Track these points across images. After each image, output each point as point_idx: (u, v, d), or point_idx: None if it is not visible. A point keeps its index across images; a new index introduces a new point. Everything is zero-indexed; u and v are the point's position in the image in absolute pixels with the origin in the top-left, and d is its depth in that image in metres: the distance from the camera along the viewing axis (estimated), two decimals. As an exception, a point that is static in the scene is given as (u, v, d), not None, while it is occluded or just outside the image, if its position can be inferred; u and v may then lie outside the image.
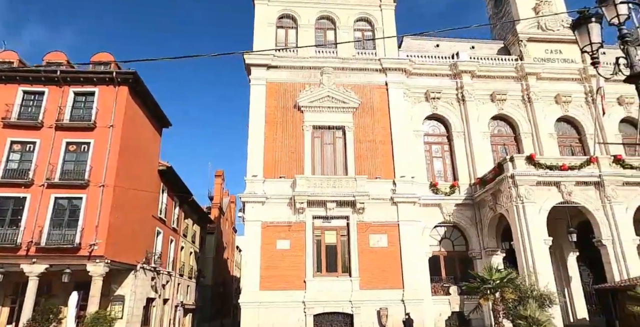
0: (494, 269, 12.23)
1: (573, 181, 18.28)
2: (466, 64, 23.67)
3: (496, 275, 11.95)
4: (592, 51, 6.48)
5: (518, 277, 14.23)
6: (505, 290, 11.84)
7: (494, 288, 11.82)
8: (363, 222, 20.69)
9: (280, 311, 18.86)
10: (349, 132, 22.16)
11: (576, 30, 6.44)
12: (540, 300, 12.99)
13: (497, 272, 12.14)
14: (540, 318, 10.99)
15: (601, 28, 6.44)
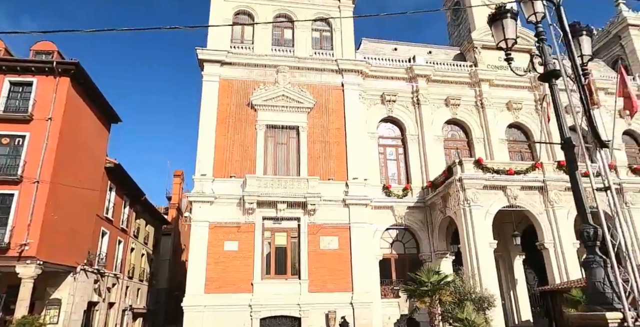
0: (431, 271, 12.17)
1: (519, 185, 18.65)
2: (422, 68, 23.87)
3: (433, 277, 11.89)
4: (507, 47, 6.41)
5: (456, 280, 14.30)
6: (443, 292, 11.81)
7: (431, 290, 11.75)
8: (314, 224, 20.39)
9: (226, 314, 18.27)
10: (303, 133, 21.85)
11: (492, 26, 6.36)
12: (478, 303, 13.06)
13: (435, 275, 12.08)
14: (476, 321, 10.98)
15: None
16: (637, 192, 19.92)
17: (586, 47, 6.75)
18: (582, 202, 6.06)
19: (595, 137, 6.05)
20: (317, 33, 24.41)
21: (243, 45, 23.15)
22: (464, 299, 12.66)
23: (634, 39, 28.66)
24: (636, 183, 19.81)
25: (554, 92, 6.64)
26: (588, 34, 6.79)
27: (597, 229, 5.82)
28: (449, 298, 11.94)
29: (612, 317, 4.83)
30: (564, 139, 6.33)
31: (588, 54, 6.78)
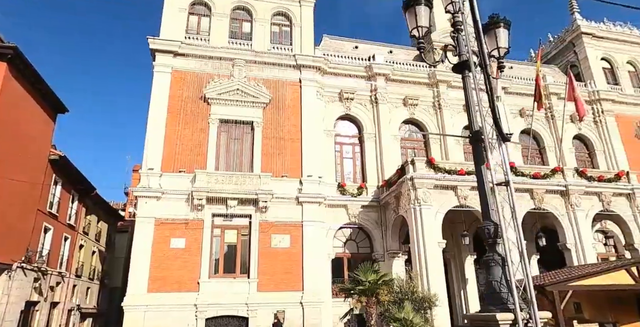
0: (369, 270, 11.99)
1: (469, 186, 18.78)
2: (381, 67, 23.81)
3: (371, 276, 11.71)
4: (420, 36, 6.22)
5: (397, 279, 14.22)
6: (381, 292, 11.64)
7: (368, 290, 11.56)
8: (266, 222, 19.96)
9: (170, 314, 17.59)
10: (257, 128, 21.37)
11: (406, 12, 6.16)
12: (419, 302, 12.99)
13: (373, 274, 11.90)
14: (414, 320, 10.86)
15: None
16: (582, 195, 20.44)
17: (502, 40, 6.65)
18: (485, 198, 5.90)
19: (498, 131, 5.91)
20: (277, 27, 23.97)
21: (199, 37, 22.44)
22: (404, 298, 12.56)
23: (587, 47, 29.60)
24: (581, 186, 20.33)
25: (465, 83, 6.49)
26: (505, 27, 6.68)
27: (498, 226, 5.66)
28: (387, 298, 11.78)
29: (502, 318, 4.67)
30: (471, 133, 6.16)
31: (504, 46, 6.67)
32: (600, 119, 27.57)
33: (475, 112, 6.29)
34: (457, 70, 6.72)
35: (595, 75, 28.74)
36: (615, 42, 30.57)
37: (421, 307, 12.87)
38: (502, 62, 6.78)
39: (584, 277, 14.16)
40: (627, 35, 30.90)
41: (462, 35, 6.62)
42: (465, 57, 6.48)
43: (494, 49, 6.69)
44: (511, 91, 26.34)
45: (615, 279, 14.89)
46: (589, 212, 20.57)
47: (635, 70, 30.54)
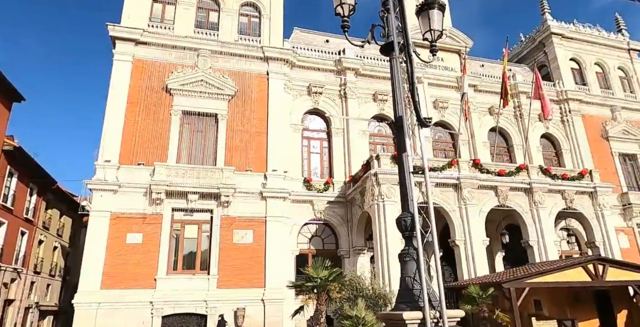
0: (320, 266, 11.67)
1: (433, 182, 18.61)
2: (351, 61, 23.48)
3: (322, 273, 11.37)
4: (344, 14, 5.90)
5: (353, 276, 13.96)
6: (332, 289, 11.31)
7: (318, 286, 11.22)
8: (228, 217, 19.43)
9: (124, 312, 16.93)
10: (222, 121, 20.78)
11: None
12: (374, 299, 12.74)
13: (324, 270, 11.58)
14: (367, 318, 10.56)
15: None
16: (546, 193, 20.55)
17: (436, 22, 6.34)
18: (405, 188, 5.58)
19: (416, 116, 5.59)
20: (245, 18, 23.36)
21: (163, 25, 21.66)
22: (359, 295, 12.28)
23: (556, 47, 29.91)
24: (545, 183, 20.44)
25: (392, 66, 6.18)
26: (440, 9, 6.38)
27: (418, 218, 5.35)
28: (338, 295, 11.47)
29: (409, 317, 4.36)
30: (395, 118, 5.84)
31: (438, 29, 6.36)
32: (568, 119, 27.90)
33: (399, 97, 5.94)
34: (384, 52, 6.38)
35: (563, 75, 29.07)
36: (584, 43, 30.99)
37: (376, 304, 12.62)
38: (435, 46, 6.46)
39: (540, 275, 14.16)
40: (595, 37, 31.36)
41: (392, 15, 6.28)
42: (393, 39, 6.13)
43: (427, 31, 6.35)
44: (481, 89, 26.40)
45: (573, 277, 14.95)
46: (552, 209, 20.72)
47: (603, 72, 31.04)
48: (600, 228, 21.35)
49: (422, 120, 5.53)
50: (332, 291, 11.33)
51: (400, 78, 6.05)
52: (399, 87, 5.98)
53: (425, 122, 5.60)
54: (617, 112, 29.24)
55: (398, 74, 6.09)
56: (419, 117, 5.51)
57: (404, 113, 5.81)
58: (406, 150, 5.66)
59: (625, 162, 28.59)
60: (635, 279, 15.79)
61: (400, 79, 6.04)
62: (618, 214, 26.11)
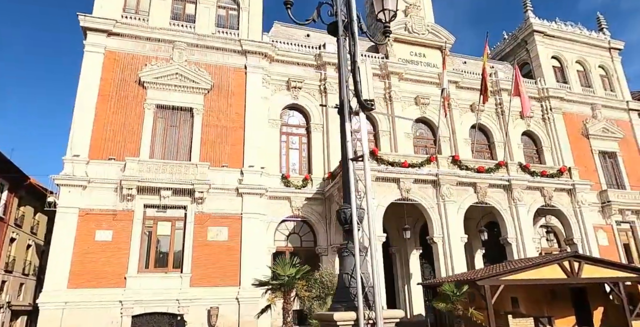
0: (288, 263, 11.28)
1: (412, 178, 18.41)
2: (331, 56, 23.04)
3: (290, 270, 11.00)
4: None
5: (324, 274, 13.63)
6: (300, 287, 10.94)
7: (285, 285, 10.85)
8: (202, 213, 18.94)
9: (92, 312, 16.36)
10: (197, 115, 20.26)
11: None
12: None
13: (292, 268, 11.21)
14: (336, 317, 10.19)
15: None
16: (525, 189, 20.46)
17: (390, 2, 6.00)
18: (348, 177, 5.23)
19: (357, 98, 5.25)
20: (223, 11, 22.83)
21: (137, 16, 21.02)
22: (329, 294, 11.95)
23: (538, 45, 29.91)
24: (524, 180, 20.35)
25: (339, 46, 5.82)
26: None
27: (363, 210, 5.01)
28: (307, 293, 11.10)
29: (341, 317, 4.01)
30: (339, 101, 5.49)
31: (392, 8, 6.02)
32: (549, 116, 27.91)
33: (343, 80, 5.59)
34: (331, 33, 6.02)
35: (545, 73, 29.08)
36: (566, 41, 31.06)
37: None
38: (388, 27, 6.12)
39: (516, 272, 13.98)
40: (577, 35, 31.46)
41: None
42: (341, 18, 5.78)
43: (380, 11, 6.00)
44: (462, 86, 26.24)
45: (548, 274, 14.83)
46: (530, 206, 20.64)
47: (584, 70, 31.15)
48: (579, 225, 21.35)
49: (363, 102, 5.17)
50: (300, 289, 10.96)
51: (345, 59, 5.69)
52: (344, 69, 5.61)
53: (366, 105, 5.24)
54: (597, 110, 29.37)
55: (343, 54, 5.71)
56: (359, 99, 5.15)
57: (346, 96, 5.44)
58: (346, 136, 5.29)
59: (605, 160, 28.73)
60: (611, 276, 15.75)
61: (345, 61, 5.68)
62: (597, 211, 26.23)
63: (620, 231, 26.90)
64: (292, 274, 10.90)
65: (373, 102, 5.35)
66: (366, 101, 5.22)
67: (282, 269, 11.03)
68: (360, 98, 5.16)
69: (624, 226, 27.16)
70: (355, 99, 5.29)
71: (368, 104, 5.22)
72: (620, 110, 30.58)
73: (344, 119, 5.43)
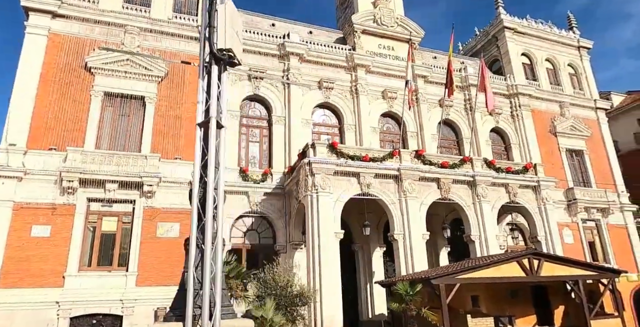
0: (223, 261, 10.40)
1: (373, 173, 17.70)
2: (295, 46, 22.23)
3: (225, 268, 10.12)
4: None
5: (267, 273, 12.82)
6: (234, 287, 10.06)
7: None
8: (152, 208, 17.88)
9: (24, 314, 15.17)
10: (150, 104, 19.14)
11: None
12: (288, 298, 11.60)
13: (226, 265, 10.36)
14: (275, 319, 9.42)
15: None
16: (489, 186, 20.00)
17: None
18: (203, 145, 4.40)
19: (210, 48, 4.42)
20: (182, -5, 21.70)
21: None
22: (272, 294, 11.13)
23: (509, 41, 29.67)
24: (488, 176, 19.88)
25: None
26: None
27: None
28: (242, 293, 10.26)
29: None
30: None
31: None
32: (518, 113, 27.67)
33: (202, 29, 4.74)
34: None
35: (515, 70, 28.84)
36: (536, 38, 30.92)
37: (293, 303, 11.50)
38: None
39: (473, 270, 13.41)
40: (547, 33, 31.36)
41: None
42: None
43: None
44: (431, 81, 25.73)
45: (507, 272, 14.33)
46: (495, 203, 20.20)
47: (553, 68, 31.09)
48: (543, 223, 21.04)
49: (215, 53, 4.33)
50: (235, 288, 10.10)
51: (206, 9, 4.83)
52: (204, 17, 4.75)
53: (219, 56, 4.39)
54: (565, 108, 29.31)
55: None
56: (212, 49, 4.30)
57: (202, 48, 4.59)
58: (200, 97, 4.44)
59: (572, 157, 28.70)
60: (571, 274, 15.38)
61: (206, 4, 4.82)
62: (564, 209, 26.14)
63: (586, 228, 26.89)
64: (225, 273, 10.00)
65: (232, 53, 4.49)
66: (222, 51, 4.36)
67: (214, 267, 10.11)
68: (213, 46, 4.30)
69: (589, 224, 27.17)
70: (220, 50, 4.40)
71: (224, 56, 4.35)
72: (588, 108, 30.63)
73: (200, 79, 4.55)
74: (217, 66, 4.47)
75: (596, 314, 15.95)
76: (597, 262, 25.83)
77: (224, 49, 4.24)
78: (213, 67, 4.46)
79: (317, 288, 15.17)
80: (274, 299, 10.70)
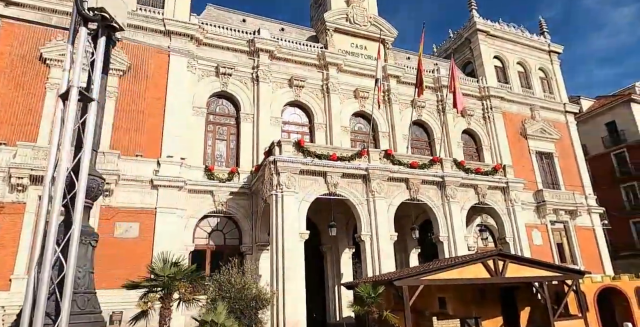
0: (169, 261, 9.82)
1: (340, 173, 17.32)
2: (265, 42, 21.72)
3: (171, 270, 9.56)
4: None
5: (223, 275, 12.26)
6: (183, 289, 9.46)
7: (163, 286, 9.39)
8: (110, 207, 17.06)
9: (-34, 319, 14.13)
10: (110, 99, 18.27)
11: None
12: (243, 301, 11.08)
13: (173, 266, 9.77)
14: (226, 324, 8.87)
15: None
16: (459, 186, 19.88)
17: None
18: None
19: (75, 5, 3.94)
20: (148, -13, 20.92)
21: (43, -14, 18.77)
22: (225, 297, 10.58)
23: (481, 44, 29.85)
24: (457, 177, 19.75)
25: None
26: None
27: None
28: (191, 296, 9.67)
29: None
30: None
31: None
32: (489, 115, 27.81)
33: None
34: None
35: (487, 72, 29.01)
36: (508, 42, 31.22)
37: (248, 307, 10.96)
38: None
39: (437, 271, 13.12)
40: (519, 37, 31.70)
41: None
42: None
43: None
44: (404, 81, 25.58)
45: (472, 273, 14.10)
46: (464, 204, 20.09)
47: (525, 71, 31.42)
48: (511, 224, 21.05)
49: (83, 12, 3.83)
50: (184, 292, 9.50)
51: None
52: None
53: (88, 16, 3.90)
54: (536, 111, 29.63)
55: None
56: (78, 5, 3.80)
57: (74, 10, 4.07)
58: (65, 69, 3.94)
59: (542, 160, 29.00)
60: (536, 275, 15.28)
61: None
62: (533, 211, 26.34)
63: (555, 230, 27.17)
64: (172, 274, 9.43)
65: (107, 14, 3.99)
66: (92, 10, 3.86)
67: (161, 269, 9.52)
68: (81, 5, 3.80)
69: (558, 226, 27.47)
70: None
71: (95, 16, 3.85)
72: (558, 112, 31.07)
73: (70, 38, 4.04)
74: (84, 28, 3.94)
75: (560, 315, 15.91)
76: (565, 263, 26.10)
77: (95, 8, 3.70)
78: (81, 29, 3.93)
79: (281, 291, 14.68)
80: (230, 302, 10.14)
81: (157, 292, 9.49)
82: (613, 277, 19.24)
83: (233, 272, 12.29)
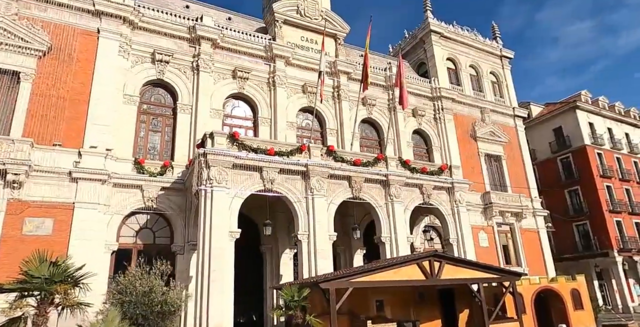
0: (46, 261, 8.59)
1: (277, 168, 16.38)
2: (207, 30, 20.50)
3: (49, 269, 8.34)
4: None
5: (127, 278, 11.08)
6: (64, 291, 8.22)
7: (37, 289, 8.12)
8: (19, 201, 15.35)
9: None
10: (26, 81, 16.59)
11: None
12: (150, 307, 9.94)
13: (53, 267, 8.55)
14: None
15: None
16: (403, 186, 19.39)
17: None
18: None
19: None
20: (79, -37, 19.24)
21: (-47, -46, 16.84)
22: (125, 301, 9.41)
23: (435, 45, 29.76)
24: (402, 176, 19.25)
25: None
26: None
27: None
28: (73, 301, 8.43)
29: None
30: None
31: None
32: (440, 116, 27.66)
33: None
34: None
35: (439, 74, 28.90)
36: (461, 45, 31.32)
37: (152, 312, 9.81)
38: None
39: (368, 273, 12.40)
40: (472, 40, 31.89)
41: None
42: None
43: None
44: (355, 78, 24.92)
45: (407, 275, 13.50)
46: (408, 204, 19.62)
47: (476, 74, 31.62)
48: (456, 225, 20.79)
49: None
50: (64, 296, 8.27)
51: None
52: None
53: None
54: (486, 114, 29.81)
55: None
56: None
57: None
58: None
59: (491, 162, 29.17)
60: (472, 277, 14.89)
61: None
62: (480, 212, 26.33)
63: (501, 232, 27.30)
64: (48, 276, 8.19)
65: None
66: None
67: (37, 269, 8.25)
68: None
69: (504, 228, 27.64)
70: None
71: None
72: (507, 116, 31.44)
73: None
74: None
75: (497, 318, 15.61)
76: (510, 265, 26.24)
77: None
78: None
79: (205, 294, 13.55)
80: (130, 307, 8.97)
81: (31, 297, 8.16)
82: (551, 279, 19.28)
83: (138, 273, 11.04)
